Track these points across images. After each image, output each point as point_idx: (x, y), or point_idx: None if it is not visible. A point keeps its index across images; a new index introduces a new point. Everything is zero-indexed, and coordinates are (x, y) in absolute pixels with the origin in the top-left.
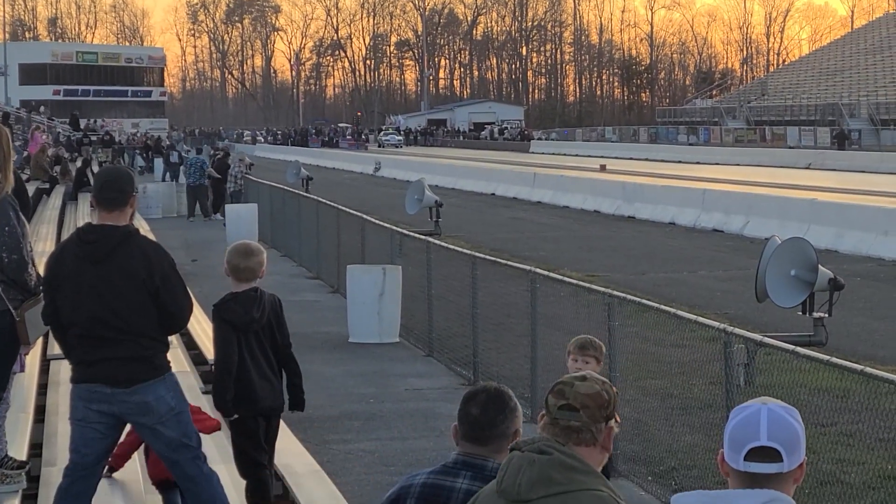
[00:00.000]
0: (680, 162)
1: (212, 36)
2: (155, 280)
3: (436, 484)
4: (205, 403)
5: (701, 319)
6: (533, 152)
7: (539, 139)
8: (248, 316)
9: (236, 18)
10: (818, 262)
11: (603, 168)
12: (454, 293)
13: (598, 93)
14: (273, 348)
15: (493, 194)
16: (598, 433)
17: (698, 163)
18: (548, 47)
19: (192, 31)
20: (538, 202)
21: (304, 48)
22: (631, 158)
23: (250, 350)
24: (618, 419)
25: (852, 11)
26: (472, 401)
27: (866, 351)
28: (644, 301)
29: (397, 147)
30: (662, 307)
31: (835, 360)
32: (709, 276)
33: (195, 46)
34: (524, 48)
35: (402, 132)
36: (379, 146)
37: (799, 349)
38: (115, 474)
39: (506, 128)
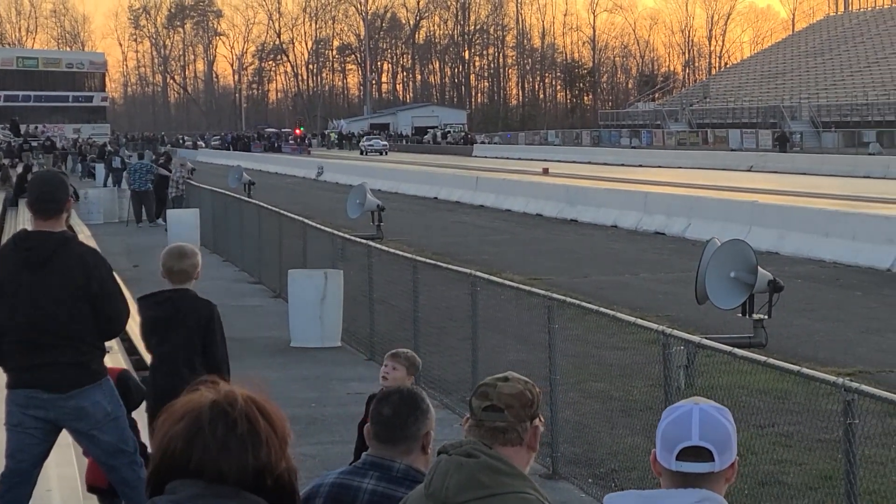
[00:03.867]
0: (623, 165)
1: (153, 41)
2: (93, 286)
3: (343, 483)
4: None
5: (640, 322)
6: (476, 156)
7: (482, 143)
8: (151, 313)
9: (178, 23)
10: (757, 264)
11: (546, 171)
12: (396, 297)
13: (541, 96)
14: (189, 351)
15: (436, 198)
16: (524, 432)
17: (641, 166)
18: (490, 51)
19: (134, 36)
20: (481, 206)
21: (246, 53)
22: (574, 161)
23: (162, 348)
24: (542, 418)
25: (793, 14)
26: (385, 401)
27: (806, 352)
28: (584, 304)
29: (381, 153)
30: (602, 310)
31: (772, 361)
32: (651, 278)
33: (137, 51)
34: (467, 52)
35: (344, 134)
36: (362, 153)
37: (736, 350)
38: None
39: (449, 132)
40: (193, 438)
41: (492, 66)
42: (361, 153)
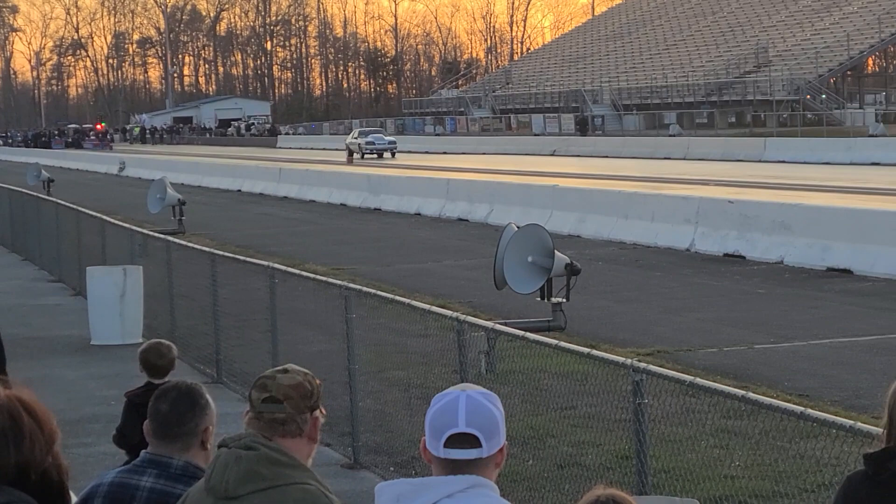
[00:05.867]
0: (427, 152)
1: None
2: None
3: (122, 482)
4: None
5: (435, 309)
6: (280, 147)
7: (287, 134)
8: None
9: None
10: (554, 248)
11: (350, 161)
12: (197, 291)
13: (345, 85)
14: None
15: (240, 191)
16: (304, 424)
17: (445, 153)
18: (293, 41)
19: None
20: (285, 197)
21: (44, 48)
22: None
23: None
24: (323, 410)
25: None
26: (163, 398)
27: (607, 333)
28: (380, 293)
29: (381, 156)
30: (398, 298)
31: (563, 344)
32: (454, 265)
33: None
34: (269, 43)
35: (147, 130)
36: (351, 155)
37: (529, 335)
38: None
39: (252, 123)
40: None
41: (294, 56)
42: (350, 155)
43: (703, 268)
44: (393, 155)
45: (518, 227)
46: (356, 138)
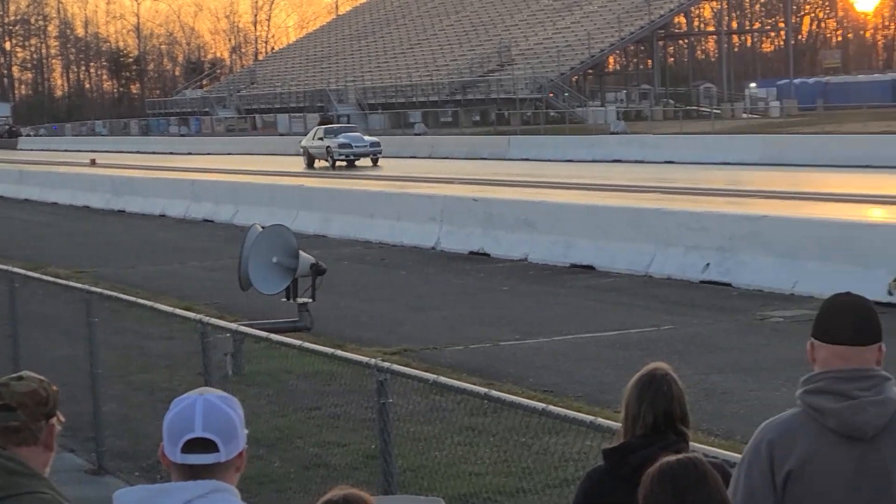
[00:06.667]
0: (172, 153)
1: None
2: None
3: None
4: None
5: (178, 311)
6: (21, 149)
7: (28, 136)
8: None
9: None
10: (299, 248)
11: (93, 162)
12: None
13: (87, 86)
14: None
15: None
16: (39, 432)
17: (190, 153)
18: (32, 41)
19: None
20: (26, 199)
21: None
22: (122, 151)
23: None
24: (60, 418)
25: None
26: None
27: (353, 333)
28: (122, 296)
29: (354, 162)
30: (140, 301)
31: (306, 345)
32: (200, 266)
33: None
34: (8, 43)
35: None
36: (312, 163)
37: (274, 336)
38: None
39: None
40: None
41: (35, 56)
42: (312, 163)
43: (449, 266)
44: (375, 162)
45: (262, 228)
46: (321, 139)
